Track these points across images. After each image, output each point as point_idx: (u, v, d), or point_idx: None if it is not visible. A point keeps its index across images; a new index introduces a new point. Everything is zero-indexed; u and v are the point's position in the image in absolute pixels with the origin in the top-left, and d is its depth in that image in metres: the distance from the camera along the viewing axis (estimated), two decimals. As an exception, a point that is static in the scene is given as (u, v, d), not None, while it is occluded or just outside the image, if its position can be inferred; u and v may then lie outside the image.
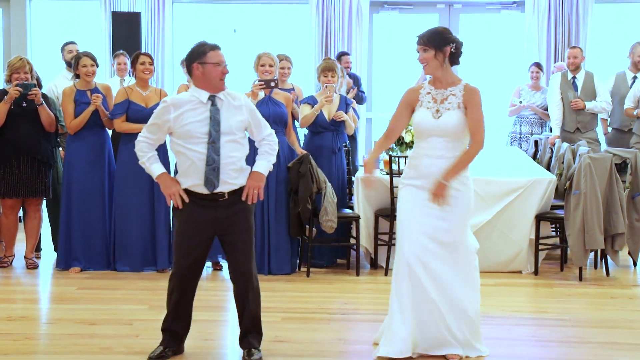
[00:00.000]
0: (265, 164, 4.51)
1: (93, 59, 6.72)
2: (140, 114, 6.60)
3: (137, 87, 6.71)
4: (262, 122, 4.54)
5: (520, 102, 9.16)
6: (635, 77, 8.40)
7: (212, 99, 4.36)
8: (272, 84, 6.52)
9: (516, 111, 9.34)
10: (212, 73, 4.34)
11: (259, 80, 6.58)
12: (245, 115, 4.44)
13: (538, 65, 9.38)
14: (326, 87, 6.77)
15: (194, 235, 4.41)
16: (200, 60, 4.34)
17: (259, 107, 6.57)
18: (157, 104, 6.63)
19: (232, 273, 4.52)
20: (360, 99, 8.98)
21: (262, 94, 6.63)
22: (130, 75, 7.88)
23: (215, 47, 4.38)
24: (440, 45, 4.40)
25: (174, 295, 4.50)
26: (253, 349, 4.50)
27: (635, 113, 8.07)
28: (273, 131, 4.60)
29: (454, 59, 4.48)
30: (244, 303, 4.51)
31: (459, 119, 4.43)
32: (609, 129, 8.68)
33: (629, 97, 8.20)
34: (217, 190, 4.36)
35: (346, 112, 6.99)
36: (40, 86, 6.95)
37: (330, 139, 6.96)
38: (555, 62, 9.83)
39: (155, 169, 4.45)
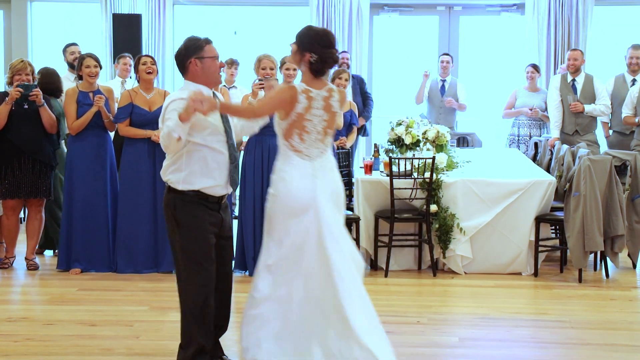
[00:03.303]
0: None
1: (97, 60, 6.73)
2: (143, 118, 6.59)
3: (141, 90, 6.68)
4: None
5: (531, 109, 9.06)
6: (634, 80, 8.34)
7: (215, 95, 4.21)
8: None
9: (512, 114, 9.33)
10: (212, 67, 4.17)
11: (259, 80, 6.58)
12: None
13: (534, 66, 9.35)
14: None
15: (212, 239, 4.17)
16: (198, 55, 4.13)
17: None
18: (161, 108, 6.64)
19: (217, 274, 4.24)
20: (367, 109, 9.25)
21: (262, 94, 6.63)
22: (131, 78, 7.90)
23: (209, 41, 4.19)
24: (303, 47, 4.09)
25: (208, 308, 4.15)
26: (224, 356, 4.39)
27: (637, 120, 7.98)
28: None
29: (313, 69, 4.09)
30: (226, 307, 4.36)
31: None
32: (610, 132, 8.65)
33: (627, 105, 8.10)
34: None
35: (348, 133, 7.39)
36: (60, 86, 7.03)
37: None
38: (558, 65, 9.81)
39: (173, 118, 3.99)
